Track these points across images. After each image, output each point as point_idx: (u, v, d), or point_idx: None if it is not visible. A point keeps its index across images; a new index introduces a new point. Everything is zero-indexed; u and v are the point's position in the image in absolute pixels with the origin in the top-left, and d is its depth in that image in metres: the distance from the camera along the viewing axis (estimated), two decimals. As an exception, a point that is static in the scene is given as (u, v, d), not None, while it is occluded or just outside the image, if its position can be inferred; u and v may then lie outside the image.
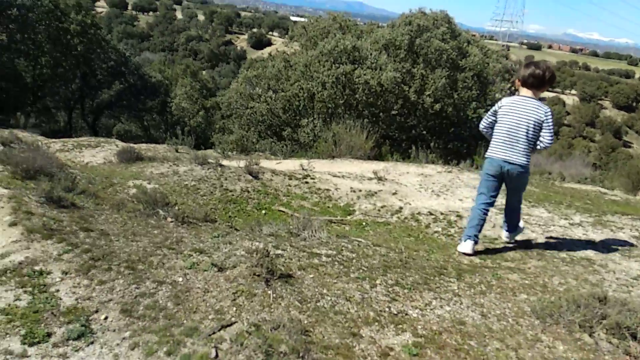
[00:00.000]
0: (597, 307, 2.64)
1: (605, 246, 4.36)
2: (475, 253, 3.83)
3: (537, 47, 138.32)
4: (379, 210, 5.58)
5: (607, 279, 3.51)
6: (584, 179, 12.33)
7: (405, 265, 3.28)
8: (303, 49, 15.71)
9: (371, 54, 12.97)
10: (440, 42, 12.79)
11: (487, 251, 3.99)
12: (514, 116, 3.67)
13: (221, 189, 5.15)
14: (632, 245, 4.42)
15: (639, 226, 5.21)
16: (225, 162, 6.75)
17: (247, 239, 2.97)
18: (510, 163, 3.67)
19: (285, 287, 2.43)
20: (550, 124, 3.61)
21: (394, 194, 6.08)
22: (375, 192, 6.10)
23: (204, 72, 45.36)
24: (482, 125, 3.96)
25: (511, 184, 3.84)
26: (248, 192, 5.30)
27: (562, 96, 78.38)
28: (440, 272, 3.27)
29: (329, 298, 2.45)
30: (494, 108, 3.87)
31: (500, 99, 4.28)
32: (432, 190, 6.24)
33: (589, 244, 4.41)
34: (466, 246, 3.82)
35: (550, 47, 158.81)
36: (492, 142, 3.86)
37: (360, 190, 6.14)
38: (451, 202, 5.81)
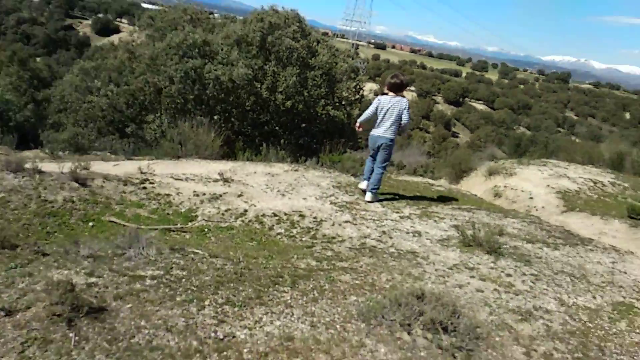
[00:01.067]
0: (416, 304, 2.86)
1: (429, 237, 4.81)
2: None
3: (382, 47, 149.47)
4: (222, 214, 5.42)
5: (428, 270, 3.85)
6: (420, 167, 13.61)
7: (240, 279, 3.20)
8: (150, 40, 14.69)
9: (222, 49, 12.64)
10: (291, 41, 12.96)
11: (326, 249, 4.11)
12: (387, 107, 5.81)
13: (38, 201, 4.52)
14: (450, 234, 4.93)
15: (457, 215, 5.86)
16: (50, 166, 5.97)
17: (54, 267, 2.60)
18: (383, 138, 5.83)
19: (94, 325, 2.16)
20: (407, 109, 5.88)
21: (240, 195, 5.97)
22: (220, 195, 5.92)
23: (37, 60, 40.07)
24: (367, 114, 6.00)
25: (380, 153, 5.93)
26: (72, 202, 4.73)
27: (403, 92, 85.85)
28: (276, 281, 3.25)
29: (146, 331, 2.24)
30: (374, 103, 5.91)
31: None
32: (278, 190, 6.27)
33: (415, 236, 4.82)
34: (363, 184, 6.23)
35: (393, 47, 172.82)
36: (375, 125, 5.92)
37: (204, 194, 5.91)
38: (295, 201, 5.90)
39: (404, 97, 5.98)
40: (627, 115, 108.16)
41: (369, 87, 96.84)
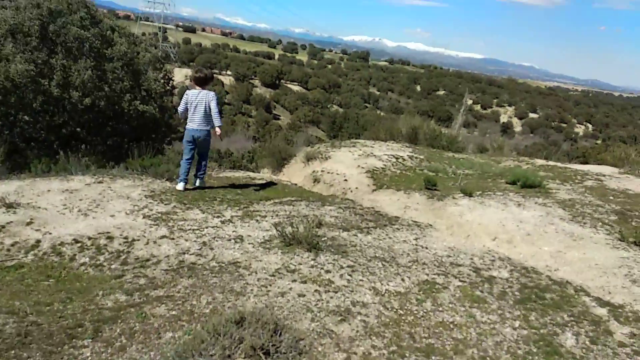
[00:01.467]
0: (235, 331, 2.69)
1: (251, 241, 4.70)
2: (186, 189, 6.34)
3: (192, 30, 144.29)
4: (8, 250, 4.52)
5: (250, 282, 3.73)
6: (243, 156, 13.48)
7: (24, 341, 2.64)
8: None
9: (-10, 42, 10.57)
10: (80, 30, 11.44)
11: (139, 276, 3.69)
12: (196, 101, 6.11)
13: None
14: (272, 234, 4.89)
15: (278, 211, 5.88)
16: None
17: None
18: (199, 130, 6.18)
19: None
20: (215, 101, 6.20)
21: (30, 223, 5.06)
22: (4, 226, 4.94)
23: None
24: (180, 110, 6.28)
25: (200, 145, 6.36)
26: None
27: (220, 77, 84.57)
28: (73, 334, 2.77)
29: None
30: (184, 98, 6.20)
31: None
32: (79, 210, 5.49)
33: (237, 242, 4.67)
34: (180, 186, 6.34)
35: (203, 30, 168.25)
36: (188, 120, 6.21)
37: (-20, 228, 4.85)
38: (102, 220, 5.24)
39: (210, 90, 6.30)
40: (418, 88, 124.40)
41: (184, 72, 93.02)
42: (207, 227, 5.09)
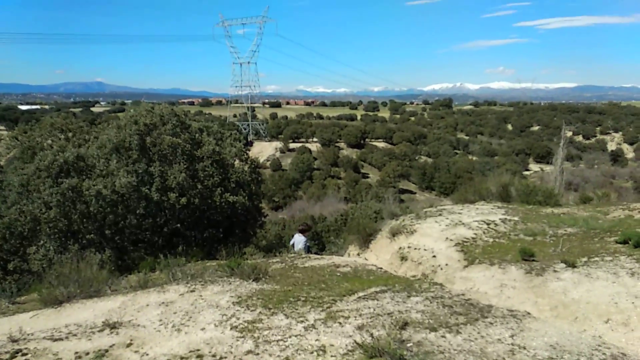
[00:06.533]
0: None
1: (334, 354, 4.55)
2: None
3: (277, 105, 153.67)
4: (110, 377, 4.82)
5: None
6: (327, 237, 13.48)
7: None
8: (19, 162, 13.65)
9: (99, 161, 12.00)
10: (172, 137, 12.65)
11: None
12: (298, 242, 10.90)
13: None
14: (355, 341, 4.70)
15: (362, 309, 5.70)
16: None
17: None
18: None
19: None
20: (305, 243, 10.90)
21: (129, 345, 5.38)
22: (107, 349, 5.29)
23: None
24: (290, 244, 11.00)
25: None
26: None
27: (307, 145, 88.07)
28: None
29: None
30: (292, 239, 11.17)
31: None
32: (173, 325, 5.75)
33: (319, 356, 4.55)
34: None
35: (288, 103, 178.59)
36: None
37: (87, 353, 5.24)
38: (193, 335, 5.43)
39: (305, 236, 11.06)
40: (509, 127, 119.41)
41: (274, 145, 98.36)
42: (290, 336, 5.06)
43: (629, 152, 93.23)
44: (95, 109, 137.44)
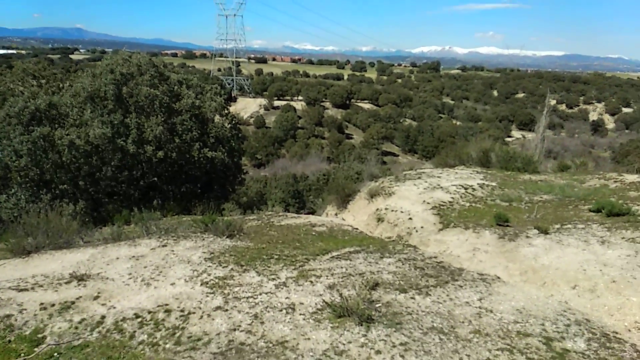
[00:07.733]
0: None
1: (303, 311, 4.53)
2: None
3: (263, 60, 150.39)
4: (76, 327, 4.74)
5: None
6: (307, 197, 13.42)
7: None
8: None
9: (73, 110, 11.57)
10: (150, 89, 12.21)
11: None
12: None
13: None
14: (325, 300, 4.69)
15: (334, 268, 5.67)
16: None
17: None
18: None
19: None
20: None
21: (97, 297, 5.30)
22: (73, 302, 5.21)
23: None
24: None
25: None
26: None
27: (292, 103, 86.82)
28: None
29: None
30: None
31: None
32: (143, 279, 5.67)
33: (288, 313, 4.53)
34: None
35: (274, 59, 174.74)
36: None
37: (53, 305, 5.16)
38: (162, 290, 5.36)
39: None
40: (495, 93, 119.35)
41: (259, 102, 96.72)
42: (260, 294, 5.03)
43: (609, 122, 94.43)
44: (74, 57, 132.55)
